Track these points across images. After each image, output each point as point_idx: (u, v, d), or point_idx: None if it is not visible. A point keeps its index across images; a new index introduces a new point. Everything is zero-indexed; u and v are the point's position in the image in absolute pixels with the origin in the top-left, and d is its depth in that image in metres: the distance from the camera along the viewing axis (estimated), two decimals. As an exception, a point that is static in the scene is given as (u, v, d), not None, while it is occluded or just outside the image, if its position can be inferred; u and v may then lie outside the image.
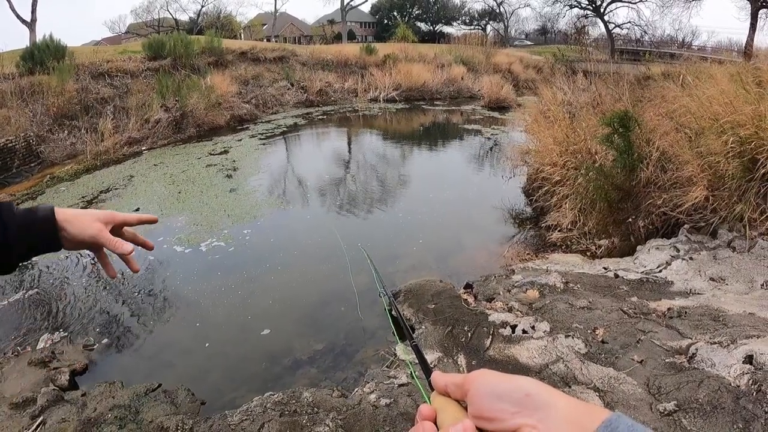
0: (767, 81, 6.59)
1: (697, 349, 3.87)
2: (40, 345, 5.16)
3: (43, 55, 16.46)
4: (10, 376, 4.54)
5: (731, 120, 6.17)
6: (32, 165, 12.85)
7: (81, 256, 7.48)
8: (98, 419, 3.79)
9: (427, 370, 0.81)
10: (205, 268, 7.12)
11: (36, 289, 6.56)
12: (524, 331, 4.60)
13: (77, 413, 3.89)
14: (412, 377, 4.08)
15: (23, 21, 27.08)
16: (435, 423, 0.67)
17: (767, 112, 5.91)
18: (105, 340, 5.40)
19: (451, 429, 0.60)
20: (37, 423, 3.80)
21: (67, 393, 4.25)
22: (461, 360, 4.30)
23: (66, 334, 5.44)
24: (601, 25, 50.84)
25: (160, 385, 4.33)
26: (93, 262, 7.31)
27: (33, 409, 3.95)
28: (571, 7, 51.70)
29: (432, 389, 0.73)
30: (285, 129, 18.66)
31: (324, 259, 7.42)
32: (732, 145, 5.98)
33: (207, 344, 5.36)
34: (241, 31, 62.70)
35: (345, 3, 56.40)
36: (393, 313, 5.34)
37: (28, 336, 5.45)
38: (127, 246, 1.24)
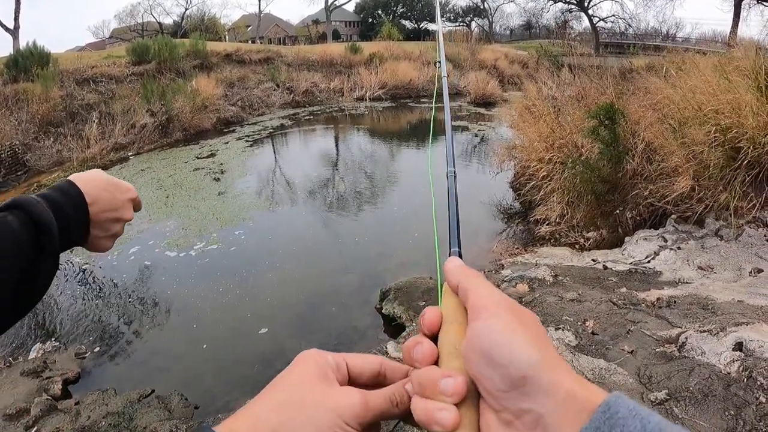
0: (747, 70, 6.63)
1: (687, 338, 3.90)
2: (32, 355, 5.14)
3: (26, 63, 16.37)
4: (2, 387, 4.52)
5: (713, 109, 6.23)
6: (19, 174, 12.77)
7: (71, 263, 7.45)
8: (92, 427, 3.78)
9: (450, 242, 0.71)
10: (195, 272, 7.10)
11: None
12: (515, 326, 4.61)
13: (71, 422, 3.88)
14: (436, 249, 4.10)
15: (6, 28, 26.90)
16: (439, 335, 0.60)
17: (745, 100, 5.97)
18: (97, 348, 5.38)
19: (441, 382, 0.54)
20: (31, 433, 3.79)
21: (61, 402, 4.24)
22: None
23: (57, 343, 5.42)
24: (586, 19, 51.03)
25: (153, 391, 4.33)
26: (83, 269, 7.29)
27: (27, 420, 3.93)
28: (555, 1, 51.85)
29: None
30: (272, 130, 18.61)
31: (313, 260, 7.43)
32: (715, 135, 6.03)
33: (204, 346, 5.37)
34: (226, 33, 62.52)
35: (329, 2, 56.35)
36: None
37: (19, 346, 5.43)
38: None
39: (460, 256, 0.69)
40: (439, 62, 1.66)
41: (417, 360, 0.58)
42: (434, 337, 0.60)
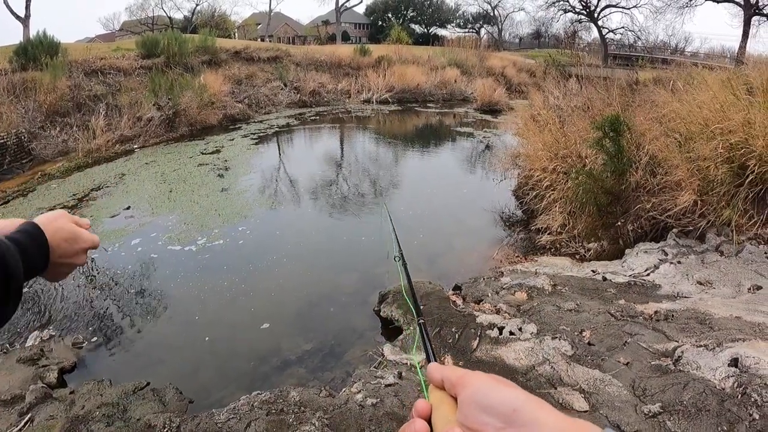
0: (757, 88, 6.63)
1: (683, 352, 3.90)
2: (29, 342, 5.15)
3: (36, 52, 16.38)
4: (-2, 373, 4.54)
5: (721, 126, 6.22)
6: (23, 162, 12.79)
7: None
8: (86, 417, 3.79)
9: (428, 357, 0.83)
10: (195, 266, 7.11)
11: (25, 287, 6.52)
12: (511, 333, 4.62)
13: (65, 411, 3.89)
14: (417, 371, 4.12)
15: (17, 16, 26.97)
16: (431, 419, 0.67)
17: (756, 119, 5.97)
18: (94, 338, 5.40)
19: None
20: (25, 420, 3.79)
21: (56, 391, 4.25)
22: (448, 361, 4.31)
23: (55, 331, 5.43)
24: (595, 30, 51.06)
25: (148, 384, 4.34)
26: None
27: (21, 406, 3.95)
28: (565, 11, 51.87)
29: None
30: (277, 129, 18.64)
31: (314, 260, 7.44)
32: (721, 151, 6.03)
33: (207, 338, 5.38)
34: (235, 30, 62.62)
35: (340, 4, 56.42)
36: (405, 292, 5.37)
37: (17, 333, 5.44)
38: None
39: (425, 327, 0.93)
40: (398, 256, 1.46)
41: None
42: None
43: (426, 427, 0.65)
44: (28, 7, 27.01)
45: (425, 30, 74.99)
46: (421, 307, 4.84)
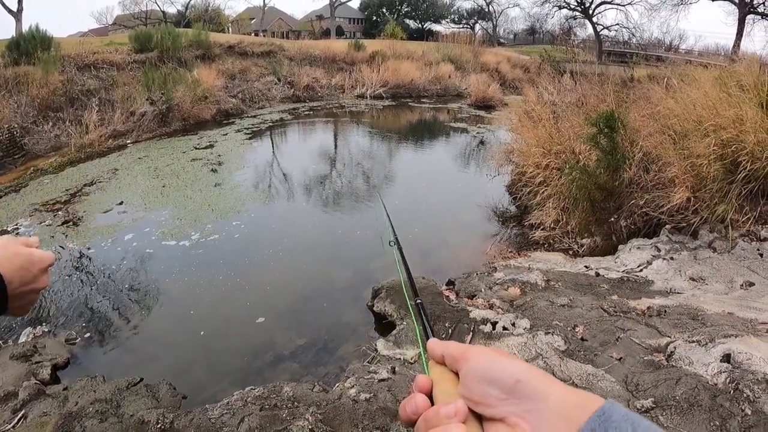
0: (748, 84, 6.65)
1: (675, 348, 3.92)
2: (22, 339, 5.13)
3: (28, 46, 16.27)
4: (-9, 369, 4.52)
5: (714, 123, 6.24)
6: (16, 157, 12.72)
7: (64, 249, 7.43)
8: (79, 413, 3.78)
9: (427, 333, 0.83)
10: (188, 262, 7.09)
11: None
12: (505, 328, 4.63)
13: (58, 407, 3.88)
14: (419, 343, 4.13)
15: (9, 11, 26.86)
16: (432, 394, 0.67)
17: (747, 115, 5.99)
18: (87, 334, 5.38)
19: (442, 409, 0.60)
20: (19, 417, 3.78)
21: (49, 387, 4.23)
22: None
23: (48, 328, 5.41)
24: (590, 26, 51.07)
25: (141, 380, 4.32)
26: (76, 255, 7.28)
27: (14, 403, 3.93)
28: (560, 8, 51.81)
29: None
30: (271, 124, 18.59)
31: (308, 255, 7.43)
32: (714, 148, 6.05)
33: (202, 332, 5.38)
34: (229, 24, 62.42)
35: (334, -1, 56.27)
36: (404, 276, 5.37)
37: (10, 330, 5.42)
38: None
39: (423, 306, 0.95)
40: (393, 241, 1.35)
41: (412, 411, 0.64)
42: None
43: (426, 402, 0.65)
44: (20, 1, 26.89)
45: (420, 25, 74.88)
46: (413, 303, 4.87)
